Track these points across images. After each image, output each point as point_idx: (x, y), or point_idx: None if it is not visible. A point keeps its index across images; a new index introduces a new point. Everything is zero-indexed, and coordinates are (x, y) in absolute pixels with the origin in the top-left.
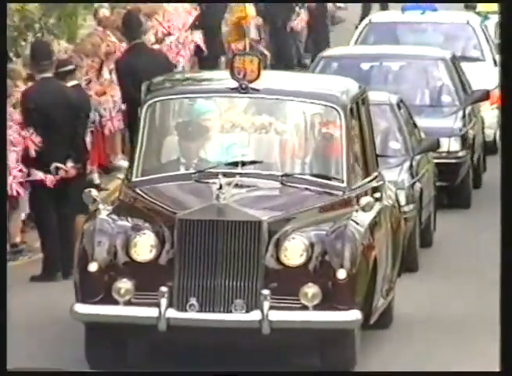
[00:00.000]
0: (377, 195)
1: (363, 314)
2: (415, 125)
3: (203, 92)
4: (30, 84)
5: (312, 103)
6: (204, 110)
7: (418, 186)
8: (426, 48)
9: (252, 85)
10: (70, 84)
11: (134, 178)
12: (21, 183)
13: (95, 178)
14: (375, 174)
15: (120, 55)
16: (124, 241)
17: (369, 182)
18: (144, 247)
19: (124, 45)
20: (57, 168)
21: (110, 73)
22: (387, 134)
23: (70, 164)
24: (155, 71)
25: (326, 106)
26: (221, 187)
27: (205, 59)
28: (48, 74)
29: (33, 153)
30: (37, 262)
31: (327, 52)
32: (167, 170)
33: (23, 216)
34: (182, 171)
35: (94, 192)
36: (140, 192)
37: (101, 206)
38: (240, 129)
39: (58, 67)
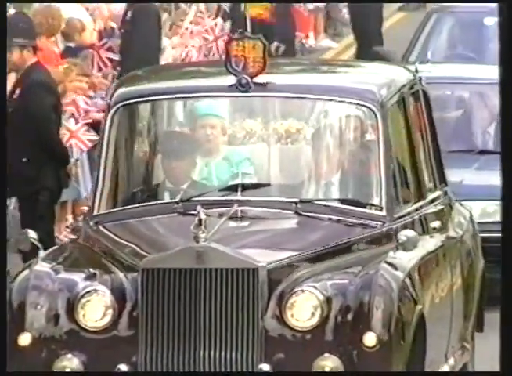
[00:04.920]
0: (436, 224)
1: None
2: None
3: (185, 91)
4: None
5: (336, 101)
6: (201, 113)
7: None
8: None
9: (256, 80)
10: None
11: (96, 212)
12: None
13: None
14: (435, 194)
15: None
16: (69, 302)
17: (423, 206)
18: (96, 309)
19: None
20: None
21: None
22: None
23: None
24: None
25: (357, 105)
26: (200, 223)
27: None
28: None
29: None
30: None
31: (441, 5)
32: (144, 199)
33: None
34: (167, 199)
35: (32, 233)
36: (101, 230)
37: (41, 253)
38: (250, 138)
39: None
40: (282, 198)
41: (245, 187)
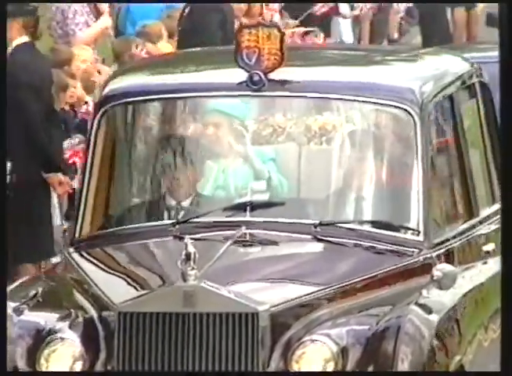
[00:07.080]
0: (490, 247)
1: None
2: None
3: (187, 89)
4: None
5: (366, 102)
6: (205, 110)
7: None
8: None
9: (272, 76)
10: None
11: (77, 235)
12: None
13: None
14: (491, 209)
15: None
16: (31, 352)
17: (474, 226)
18: (63, 359)
19: None
20: None
21: None
22: None
23: None
24: None
25: (392, 106)
26: (188, 258)
27: None
28: None
29: None
30: None
31: None
32: (134, 220)
33: None
34: (165, 220)
35: None
36: (81, 258)
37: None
38: (277, 138)
39: None
40: (298, 219)
41: (256, 206)
